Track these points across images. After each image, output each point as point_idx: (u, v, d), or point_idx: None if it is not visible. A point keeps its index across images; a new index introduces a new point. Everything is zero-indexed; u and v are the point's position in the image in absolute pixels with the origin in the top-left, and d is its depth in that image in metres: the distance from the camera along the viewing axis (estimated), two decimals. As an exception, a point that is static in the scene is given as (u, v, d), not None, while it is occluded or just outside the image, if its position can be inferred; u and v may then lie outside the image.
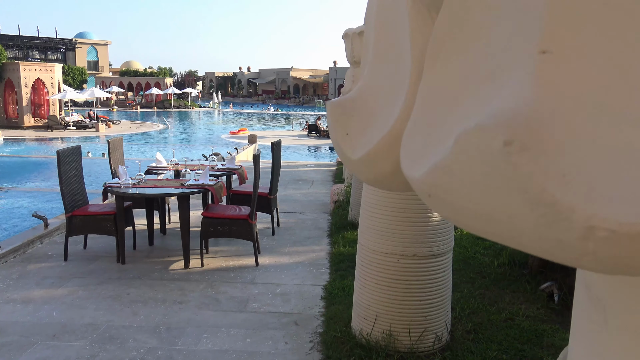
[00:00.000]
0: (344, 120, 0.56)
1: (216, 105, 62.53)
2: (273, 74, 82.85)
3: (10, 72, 32.01)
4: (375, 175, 0.51)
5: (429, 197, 0.38)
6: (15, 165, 16.41)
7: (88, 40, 72.52)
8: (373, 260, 3.73)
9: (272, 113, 56.08)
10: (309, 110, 58.62)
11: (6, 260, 5.88)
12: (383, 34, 0.56)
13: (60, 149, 5.74)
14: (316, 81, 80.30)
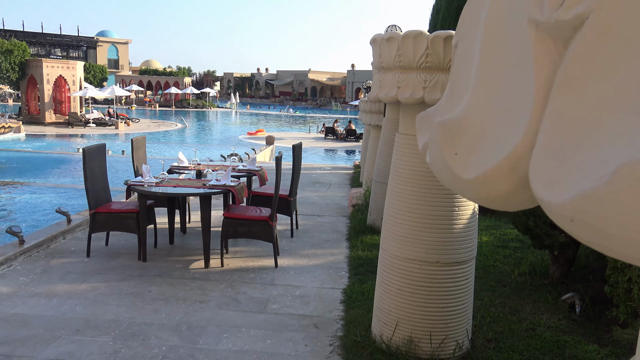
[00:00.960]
0: (453, 140, 0.58)
1: (234, 105, 62.84)
2: (291, 75, 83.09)
3: (33, 68, 32.51)
4: (489, 195, 0.53)
5: (571, 222, 0.40)
6: (37, 161, 16.67)
7: (109, 39, 73.40)
8: (395, 266, 3.74)
9: (290, 115, 56.22)
10: (326, 113, 58.67)
11: (30, 254, 5.98)
12: (492, 58, 0.58)
13: (85, 147, 5.83)
14: (333, 84, 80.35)
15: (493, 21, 0.57)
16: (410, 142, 3.60)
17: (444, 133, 0.58)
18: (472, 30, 0.62)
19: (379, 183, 7.08)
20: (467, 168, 0.55)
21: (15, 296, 4.85)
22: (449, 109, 0.63)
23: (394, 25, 8.27)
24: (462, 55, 0.64)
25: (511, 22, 0.55)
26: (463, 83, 0.62)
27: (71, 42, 66.31)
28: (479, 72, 0.57)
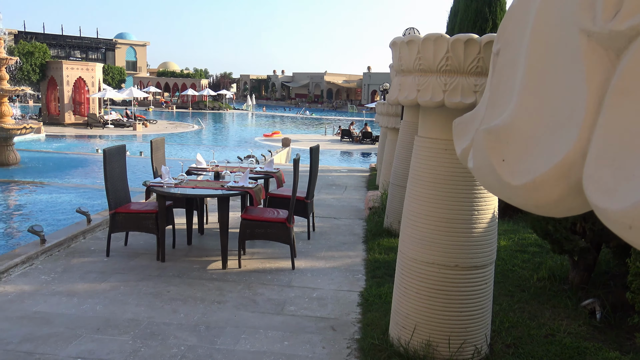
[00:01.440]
0: (500, 147, 0.58)
1: (250, 107, 63.15)
2: (307, 77, 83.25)
3: (53, 70, 33.00)
4: (539, 201, 0.54)
5: (629, 229, 0.41)
6: (57, 161, 16.89)
7: (127, 41, 74.20)
8: (414, 269, 3.73)
9: (305, 117, 56.32)
10: (342, 115, 58.67)
11: (51, 253, 6.07)
12: (540, 66, 0.58)
13: (106, 148, 5.90)
14: (349, 86, 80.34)
15: (541, 29, 0.58)
16: (430, 145, 3.60)
17: (490, 140, 0.59)
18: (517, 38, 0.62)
19: (396, 186, 7.07)
20: (516, 174, 0.55)
21: (37, 294, 4.93)
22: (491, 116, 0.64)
23: (412, 28, 8.26)
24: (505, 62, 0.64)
25: (560, 31, 0.55)
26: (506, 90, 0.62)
27: (90, 44, 67.18)
28: (526, 79, 0.58)
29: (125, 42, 73.21)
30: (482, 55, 3.20)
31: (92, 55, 66.90)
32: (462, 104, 3.25)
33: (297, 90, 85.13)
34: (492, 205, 3.63)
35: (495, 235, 3.73)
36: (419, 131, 3.79)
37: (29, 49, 31.85)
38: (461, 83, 3.27)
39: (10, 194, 11.69)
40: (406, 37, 3.51)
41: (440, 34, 3.27)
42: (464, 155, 0.73)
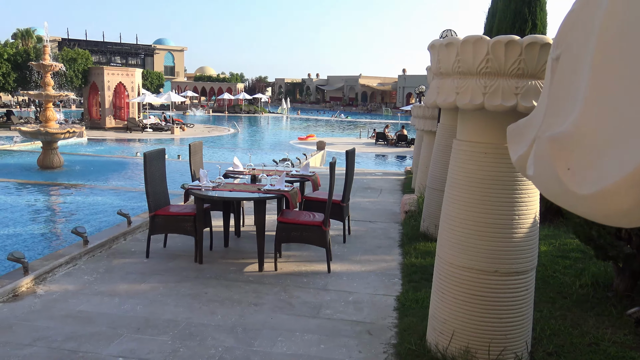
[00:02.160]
0: (565, 155, 0.57)
1: (285, 111, 63.56)
2: (341, 81, 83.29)
3: (95, 76, 33.96)
4: (609, 211, 0.52)
5: None
6: (98, 164, 17.37)
7: (165, 47, 75.79)
8: (452, 274, 3.68)
9: (340, 120, 56.32)
10: (377, 118, 58.45)
11: (94, 254, 6.24)
12: (608, 72, 0.57)
13: (146, 151, 6.03)
14: (384, 89, 79.98)
15: (609, 35, 0.56)
16: (469, 148, 3.54)
17: (555, 147, 0.57)
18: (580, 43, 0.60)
19: (433, 189, 7.00)
20: (583, 184, 0.54)
21: (81, 294, 5.07)
22: (552, 123, 0.62)
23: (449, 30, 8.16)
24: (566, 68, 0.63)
25: (634, 38, 0.53)
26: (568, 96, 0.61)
27: (130, 50, 68.92)
28: (592, 86, 0.56)
29: (163, 48, 74.80)
30: (523, 57, 3.14)
31: (132, 60, 68.58)
32: (503, 107, 3.20)
33: (332, 94, 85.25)
34: (534, 209, 3.55)
35: (537, 240, 3.64)
36: (457, 134, 3.74)
37: (72, 56, 32.85)
38: (502, 85, 3.22)
39: (54, 196, 12.07)
40: (445, 40, 3.48)
41: (480, 36, 3.23)
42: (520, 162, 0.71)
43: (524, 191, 3.46)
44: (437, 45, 3.54)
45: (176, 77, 73.93)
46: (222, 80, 69.19)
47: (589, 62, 0.57)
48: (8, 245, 7.88)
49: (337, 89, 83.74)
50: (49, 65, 14.94)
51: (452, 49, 3.37)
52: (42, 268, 5.44)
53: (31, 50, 31.67)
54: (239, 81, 69.92)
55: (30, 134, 15.45)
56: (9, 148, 20.77)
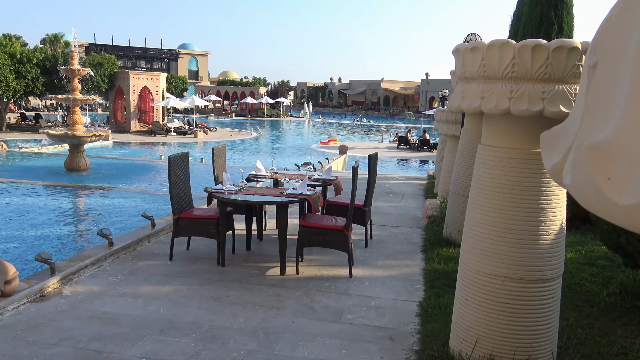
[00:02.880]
0: (605, 165, 0.56)
1: (307, 115, 63.71)
2: (364, 85, 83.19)
3: (120, 80, 34.53)
4: None
5: None
6: (123, 167, 17.63)
7: (189, 51, 76.65)
8: (476, 281, 3.63)
9: (362, 124, 56.24)
10: (399, 122, 58.21)
11: (118, 256, 6.32)
12: None
13: (171, 155, 6.10)
14: (407, 93, 79.63)
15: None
16: (494, 153, 3.50)
17: (594, 157, 0.56)
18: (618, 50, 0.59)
19: (456, 194, 6.93)
20: (624, 194, 0.52)
21: (105, 295, 5.14)
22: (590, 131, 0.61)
23: (474, 34, 8.09)
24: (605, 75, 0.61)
25: None
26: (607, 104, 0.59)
27: (155, 55, 69.90)
28: (634, 93, 0.54)
29: (187, 52, 75.68)
30: (550, 61, 3.10)
31: (157, 65, 69.54)
32: (529, 112, 3.15)
33: (354, 98, 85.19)
34: (560, 216, 3.49)
35: (563, 247, 3.58)
36: (482, 139, 3.70)
37: (99, 60, 33.46)
38: (528, 90, 3.17)
39: (80, 198, 12.29)
40: (470, 44, 3.45)
41: (506, 40, 3.19)
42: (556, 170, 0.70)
43: (551, 197, 3.40)
44: (462, 49, 3.51)
45: (200, 82, 74.70)
46: (245, 85, 69.67)
47: (629, 69, 0.55)
48: (35, 246, 8.04)
49: (359, 93, 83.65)
50: (77, 70, 15.24)
51: (477, 53, 3.34)
52: (69, 269, 5.53)
53: (59, 55, 32.34)
54: (261, 85, 70.33)
55: (58, 137, 15.77)
56: (37, 151, 21.22)
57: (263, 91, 65.90)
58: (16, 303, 4.78)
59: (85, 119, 18.86)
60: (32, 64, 30.76)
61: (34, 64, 30.85)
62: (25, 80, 30.59)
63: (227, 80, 73.65)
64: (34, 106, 56.69)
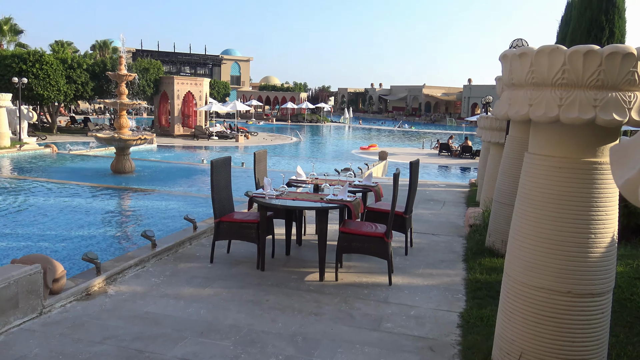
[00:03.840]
0: None
1: (347, 120, 63.75)
2: (405, 90, 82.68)
3: (165, 85, 35.39)
4: None
5: None
6: (166, 170, 18.03)
7: (232, 57, 77.93)
8: (521, 293, 3.53)
9: (403, 130, 55.82)
10: (440, 129, 57.52)
11: (160, 257, 6.44)
12: None
13: (213, 159, 6.18)
14: (449, 99, 78.67)
15: None
16: (542, 162, 3.40)
17: None
18: None
19: (500, 203, 6.77)
20: None
21: (148, 296, 5.24)
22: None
23: (520, 39, 7.91)
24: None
25: None
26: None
27: (199, 61, 71.34)
28: None
29: (230, 58, 76.96)
30: (603, 67, 2.99)
31: (200, 70, 70.97)
32: (580, 120, 3.05)
33: (395, 103, 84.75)
34: (612, 228, 3.36)
35: (614, 260, 3.44)
36: (529, 147, 3.60)
37: (145, 66, 34.38)
38: (579, 97, 3.07)
39: (125, 200, 12.61)
40: (518, 50, 3.36)
41: (556, 46, 3.10)
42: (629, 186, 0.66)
43: (602, 208, 3.27)
44: (510, 55, 3.43)
45: (242, 87, 75.79)
46: (286, 90, 70.29)
47: None
48: (82, 246, 8.28)
49: (400, 99, 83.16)
50: (124, 75, 15.68)
51: (525, 59, 3.25)
52: (113, 269, 5.67)
53: (108, 61, 33.40)
54: (302, 90, 70.80)
55: (105, 140, 16.24)
56: (85, 153, 21.93)
57: (304, 96, 66.32)
58: (63, 301, 4.92)
59: (131, 122, 19.39)
60: (82, 69, 31.87)
61: (84, 69, 31.96)
62: (76, 85, 31.72)
63: (269, 86, 74.46)
64: (83, 110, 58.70)
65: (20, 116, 23.87)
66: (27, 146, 21.81)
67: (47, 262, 4.84)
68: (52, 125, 34.08)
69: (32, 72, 29.27)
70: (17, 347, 4.07)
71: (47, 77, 30.01)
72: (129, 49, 62.97)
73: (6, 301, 4.29)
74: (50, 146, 22.04)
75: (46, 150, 21.65)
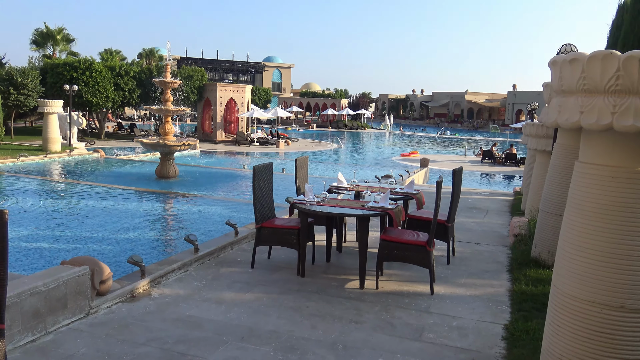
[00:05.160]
0: None
1: (387, 127, 63.45)
2: (447, 97, 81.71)
3: (209, 92, 36.09)
4: None
5: None
6: (208, 175, 18.34)
7: (274, 64, 78.86)
8: (570, 307, 3.40)
9: (444, 136, 55.12)
10: (483, 136, 56.53)
11: (203, 261, 6.54)
12: None
13: (255, 165, 6.24)
14: (492, 105, 77.29)
15: None
16: (593, 171, 3.28)
17: None
18: None
19: (547, 213, 6.58)
20: None
21: (190, 299, 5.32)
22: None
23: (569, 44, 7.69)
24: None
25: None
26: None
27: (241, 68, 72.51)
28: None
29: (272, 65, 77.90)
30: (661, 73, 2.86)
31: (242, 77, 72.10)
32: (635, 128, 2.92)
33: (436, 110, 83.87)
34: (669, 241, 3.20)
35: (671, 275, 3.27)
36: (580, 156, 3.48)
37: (190, 73, 35.15)
38: (634, 104, 2.94)
39: (169, 205, 12.88)
40: (569, 55, 3.26)
41: (610, 51, 2.99)
42: None
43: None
44: (560, 61, 3.33)
45: (283, 93, 76.54)
46: (327, 96, 70.54)
47: None
48: (127, 249, 8.49)
49: (441, 105, 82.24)
50: (169, 82, 16.06)
51: (576, 65, 3.15)
52: (157, 272, 5.79)
53: (154, 68, 34.31)
54: (343, 97, 70.94)
55: (151, 145, 16.66)
56: (131, 158, 22.55)
57: (344, 103, 66.41)
58: (109, 302, 5.05)
59: (176, 128, 19.83)
60: (129, 77, 32.84)
61: (131, 77, 32.92)
62: (123, 92, 32.71)
63: (309, 92, 74.93)
64: (129, 116, 60.43)
65: (70, 122, 24.77)
66: (77, 151, 22.60)
67: (94, 264, 4.98)
68: (100, 130, 35.21)
69: (82, 80, 30.35)
70: (65, 346, 4.19)
71: (96, 84, 31.06)
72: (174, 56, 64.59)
73: (56, 301, 4.43)
74: (98, 151, 22.77)
75: (94, 155, 22.37)
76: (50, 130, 22.68)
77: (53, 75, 30.71)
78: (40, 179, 16.29)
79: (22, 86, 27.84)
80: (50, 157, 20.77)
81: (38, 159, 20.10)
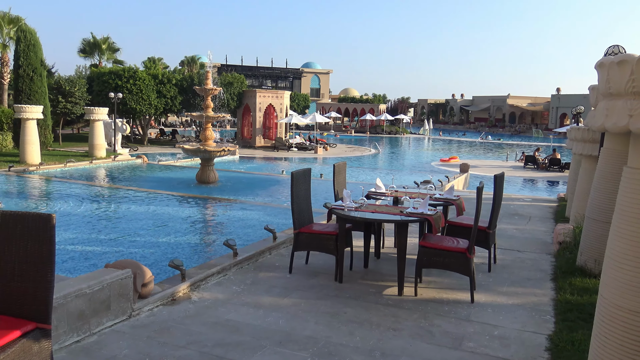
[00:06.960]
0: None
1: (426, 132, 62.80)
2: (487, 101, 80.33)
3: (248, 98, 36.56)
4: None
5: None
6: (247, 181, 18.54)
7: (312, 70, 79.25)
8: (618, 318, 3.27)
9: (485, 141, 54.16)
10: (525, 140, 55.26)
11: (241, 266, 6.59)
12: None
13: (294, 171, 6.26)
14: (535, 109, 75.52)
15: None
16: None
17: None
18: None
19: (593, 220, 6.36)
20: None
21: (229, 303, 5.37)
22: None
23: (617, 46, 7.44)
24: None
25: None
26: None
27: (280, 74, 73.19)
28: None
29: (310, 71, 78.31)
30: None
31: (281, 83, 72.74)
32: (689, 131, 2.79)
33: (477, 114, 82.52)
34: None
35: None
36: (629, 161, 3.34)
37: (229, 80, 35.71)
38: (687, 107, 2.82)
39: (208, 209, 13.08)
40: (617, 57, 3.15)
41: (661, 51, 2.87)
42: None
43: None
44: (607, 63, 3.21)
45: (321, 99, 76.81)
46: (365, 102, 70.41)
47: None
48: (168, 252, 8.66)
49: (482, 110, 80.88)
50: (210, 89, 16.35)
51: (625, 67, 3.03)
52: (197, 276, 5.87)
53: (195, 76, 35.01)
54: (381, 102, 70.62)
55: (192, 151, 16.98)
56: (173, 164, 23.03)
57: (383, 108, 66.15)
58: (151, 305, 5.15)
59: (216, 134, 20.13)
60: (171, 84, 33.61)
61: (173, 84, 33.68)
62: (165, 99, 33.48)
63: (348, 98, 74.97)
64: (171, 122, 61.81)
65: (115, 129, 25.52)
66: (121, 157, 23.25)
67: (136, 267, 5.09)
68: (143, 137, 36.12)
69: (127, 88, 31.25)
70: (108, 347, 4.29)
71: (140, 92, 31.91)
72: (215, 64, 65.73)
73: (100, 303, 4.54)
74: (141, 157, 23.37)
75: (137, 160, 22.96)
76: (96, 137, 23.40)
77: (99, 83, 31.73)
78: (86, 183, 16.81)
79: (70, 94, 28.90)
80: (96, 163, 21.43)
81: (84, 164, 20.78)
